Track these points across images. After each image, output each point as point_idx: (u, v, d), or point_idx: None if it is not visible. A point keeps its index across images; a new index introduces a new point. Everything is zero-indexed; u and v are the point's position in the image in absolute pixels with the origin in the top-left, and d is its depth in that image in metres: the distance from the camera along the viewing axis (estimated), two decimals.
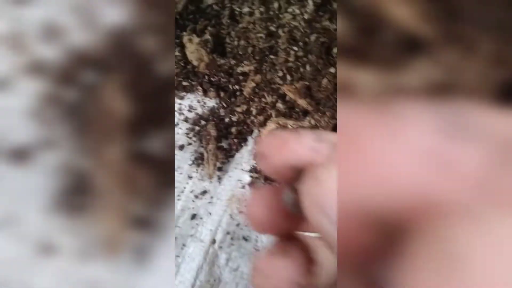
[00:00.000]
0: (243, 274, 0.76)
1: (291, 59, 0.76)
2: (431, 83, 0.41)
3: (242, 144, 0.88)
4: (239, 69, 0.83)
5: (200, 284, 0.74)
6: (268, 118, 0.85)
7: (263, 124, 0.86)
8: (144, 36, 0.39)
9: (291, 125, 0.77)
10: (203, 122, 0.91)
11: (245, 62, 0.82)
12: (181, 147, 0.90)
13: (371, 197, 0.20)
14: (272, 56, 0.79)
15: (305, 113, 0.80)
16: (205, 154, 0.85)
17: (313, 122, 0.75)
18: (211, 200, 0.82)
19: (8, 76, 0.40)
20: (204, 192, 0.83)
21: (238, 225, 0.78)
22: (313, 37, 0.74)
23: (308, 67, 0.75)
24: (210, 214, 0.80)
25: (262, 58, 0.81)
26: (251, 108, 0.87)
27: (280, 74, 0.78)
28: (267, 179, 0.85)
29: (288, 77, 0.78)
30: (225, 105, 0.92)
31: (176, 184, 0.85)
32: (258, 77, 0.81)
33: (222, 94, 0.91)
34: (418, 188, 0.20)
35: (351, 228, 0.20)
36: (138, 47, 0.39)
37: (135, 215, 0.39)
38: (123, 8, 0.38)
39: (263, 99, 0.83)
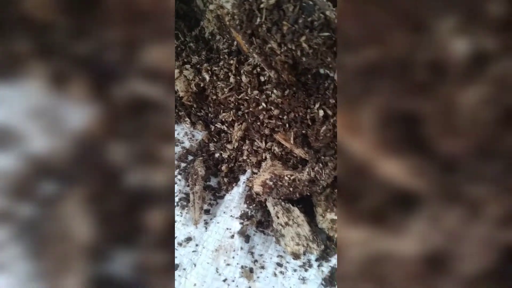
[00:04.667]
0: None
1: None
2: (429, 249, 0.35)
3: (233, 185, 0.80)
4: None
5: None
6: (262, 160, 0.77)
7: (257, 165, 0.78)
8: (114, 143, 0.31)
9: (287, 176, 0.69)
10: (190, 158, 0.83)
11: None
12: None
13: None
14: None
15: (304, 160, 0.72)
16: (191, 196, 0.77)
17: (312, 174, 0.68)
18: (196, 249, 0.74)
19: None
20: (189, 239, 0.75)
21: (225, 281, 0.71)
22: None
23: None
24: (195, 265, 0.72)
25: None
26: (243, 148, 0.79)
27: None
28: (259, 226, 0.77)
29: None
30: (215, 139, 0.83)
31: None
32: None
33: (212, 127, 0.83)
34: None
35: None
36: (107, 155, 0.31)
37: None
38: (90, 111, 0.31)
39: (255, 143, 0.75)
